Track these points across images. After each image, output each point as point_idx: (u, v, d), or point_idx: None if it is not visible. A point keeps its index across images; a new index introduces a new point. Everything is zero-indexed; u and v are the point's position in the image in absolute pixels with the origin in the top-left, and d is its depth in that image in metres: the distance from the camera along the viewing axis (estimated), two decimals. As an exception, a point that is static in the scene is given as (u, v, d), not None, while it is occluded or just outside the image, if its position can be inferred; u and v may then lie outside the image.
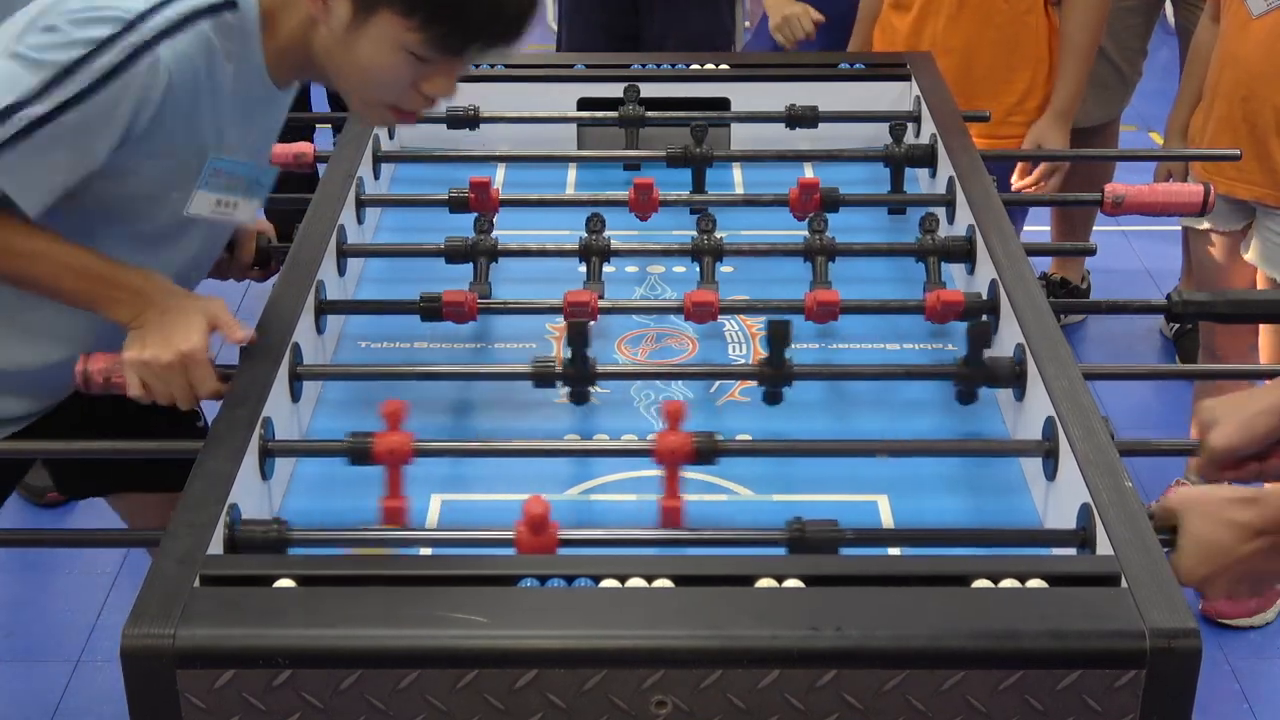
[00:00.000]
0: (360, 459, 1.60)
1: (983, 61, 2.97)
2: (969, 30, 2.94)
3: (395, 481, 1.60)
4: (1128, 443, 1.63)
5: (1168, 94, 4.07)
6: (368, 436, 1.60)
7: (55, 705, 2.81)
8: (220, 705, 1.29)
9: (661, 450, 1.60)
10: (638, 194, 2.17)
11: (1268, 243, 2.86)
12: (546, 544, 1.48)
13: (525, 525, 1.47)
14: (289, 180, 3.17)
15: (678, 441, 1.60)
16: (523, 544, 1.47)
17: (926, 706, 1.30)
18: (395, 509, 1.60)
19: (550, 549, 1.48)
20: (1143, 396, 3.75)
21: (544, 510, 1.46)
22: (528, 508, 1.46)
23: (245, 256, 2.08)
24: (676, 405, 1.62)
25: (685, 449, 1.59)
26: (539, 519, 1.46)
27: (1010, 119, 3.02)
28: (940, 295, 1.92)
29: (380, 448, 1.59)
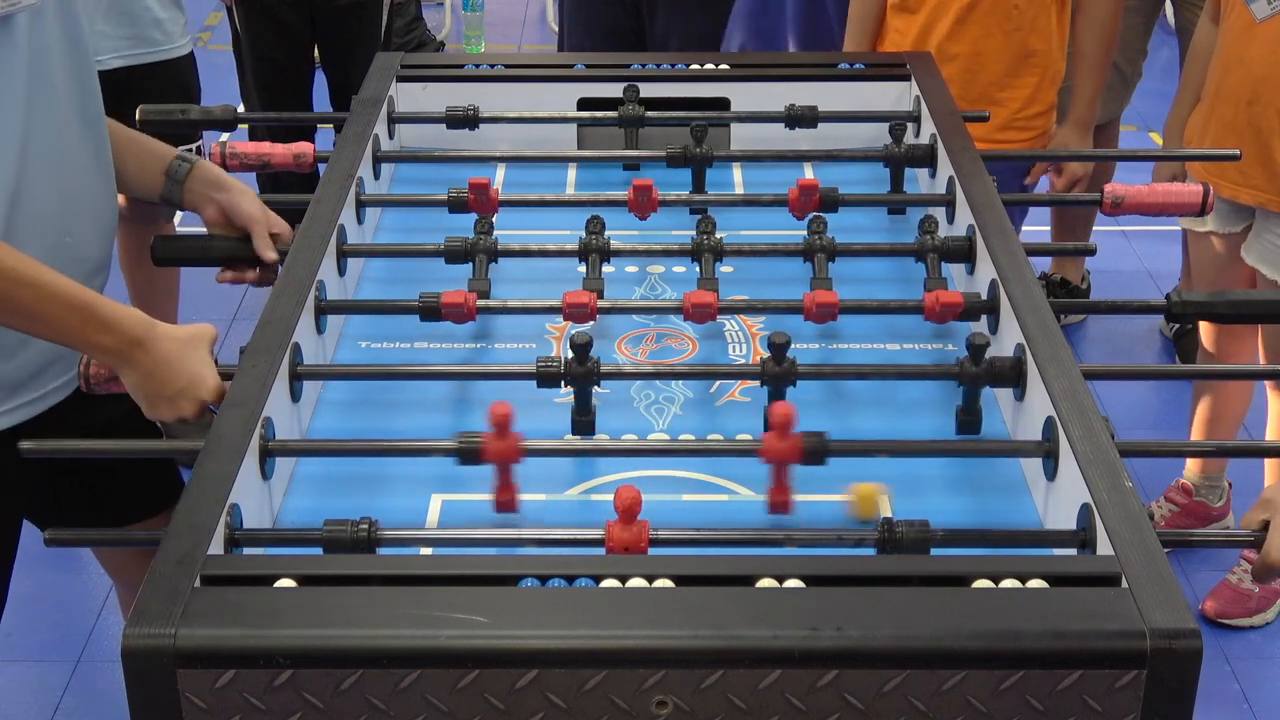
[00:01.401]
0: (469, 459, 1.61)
1: (990, 66, 2.96)
2: (977, 34, 2.94)
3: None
4: (1128, 443, 1.63)
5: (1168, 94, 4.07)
6: (475, 437, 1.60)
7: (55, 705, 2.81)
8: (221, 705, 1.29)
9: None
10: (637, 194, 2.17)
11: (1269, 246, 2.86)
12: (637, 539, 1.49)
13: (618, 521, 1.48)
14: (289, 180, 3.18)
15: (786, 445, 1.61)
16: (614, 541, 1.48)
17: (927, 707, 1.30)
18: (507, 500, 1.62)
19: (641, 547, 1.49)
20: (1143, 396, 3.75)
21: (635, 497, 1.47)
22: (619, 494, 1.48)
23: (267, 251, 2.06)
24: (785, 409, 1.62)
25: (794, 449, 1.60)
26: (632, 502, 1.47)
27: (1015, 123, 3.02)
28: (940, 296, 1.92)
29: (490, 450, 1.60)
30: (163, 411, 1.75)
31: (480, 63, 2.63)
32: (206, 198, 2.08)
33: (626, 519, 1.48)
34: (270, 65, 3.99)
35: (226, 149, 2.32)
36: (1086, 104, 3.09)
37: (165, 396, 1.74)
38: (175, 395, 1.74)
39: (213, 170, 2.10)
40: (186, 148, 3.28)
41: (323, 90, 4.16)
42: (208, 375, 1.74)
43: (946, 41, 2.94)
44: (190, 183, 2.07)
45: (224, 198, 2.08)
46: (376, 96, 2.46)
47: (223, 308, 4.05)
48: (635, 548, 1.49)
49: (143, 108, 2.37)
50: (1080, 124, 3.10)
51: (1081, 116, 3.10)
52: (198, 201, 2.08)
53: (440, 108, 2.47)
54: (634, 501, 1.48)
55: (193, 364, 1.75)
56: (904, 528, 1.52)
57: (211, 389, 1.74)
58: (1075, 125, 3.10)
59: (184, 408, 1.74)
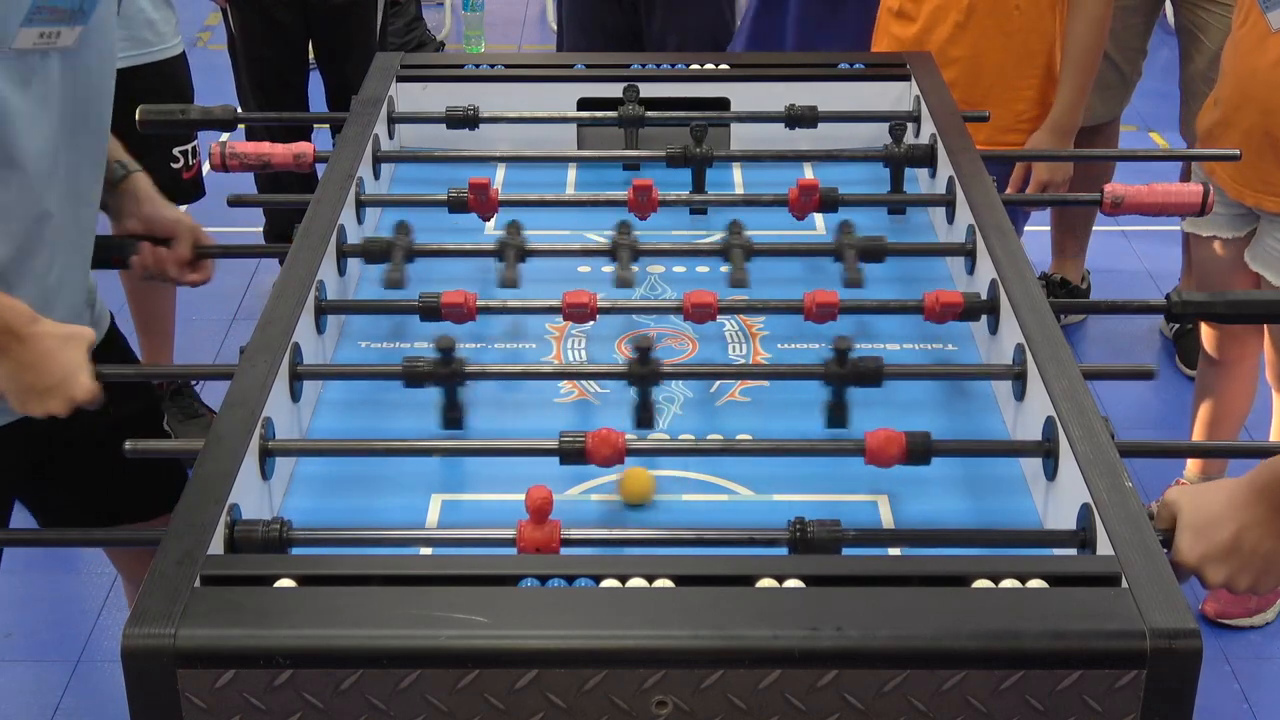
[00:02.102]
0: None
1: (989, 70, 2.96)
2: (976, 38, 2.93)
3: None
4: (1128, 443, 1.63)
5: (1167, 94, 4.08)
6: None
7: (55, 705, 2.81)
8: (221, 705, 1.30)
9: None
10: (637, 194, 2.17)
11: (1273, 251, 2.86)
12: (547, 539, 1.48)
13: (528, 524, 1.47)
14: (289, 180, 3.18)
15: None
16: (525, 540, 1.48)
17: (927, 707, 1.30)
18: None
19: (553, 547, 1.48)
20: (1143, 396, 3.75)
21: (546, 497, 1.47)
22: (531, 494, 1.48)
23: (182, 252, 2.09)
24: None
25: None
26: (541, 508, 1.47)
27: (1018, 126, 3.02)
28: (940, 296, 1.92)
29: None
30: (32, 407, 1.72)
31: (480, 63, 2.63)
32: (129, 211, 2.08)
33: (538, 519, 1.49)
34: (265, 65, 3.99)
35: (226, 149, 2.31)
36: (1066, 109, 3.01)
37: (37, 391, 1.71)
38: (47, 391, 1.71)
39: (145, 187, 2.09)
40: (182, 148, 3.29)
41: (321, 90, 4.15)
42: (82, 375, 1.72)
43: (946, 45, 2.93)
44: (123, 186, 2.07)
45: (149, 209, 2.08)
46: (376, 96, 2.46)
47: (222, 308, 4.05)
48: (547, 548, 1.50)
49: (143, 108, 2.37)
50: (1057, 129, 3.02)
51: (1059, 122, 3.02)
52: (121, 208, 2.08)
53: (440, 108, 2.47)
54: (545, 502, 1.49)
55: (68, 362, 1.72)
56: (815, 527, 1.51)
57: (85, 388, 1.71)
58: (1052, 130, 3.02)
59: (54, 405, 1.72)
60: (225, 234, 2.24)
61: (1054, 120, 3.02)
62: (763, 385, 1.91)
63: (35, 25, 1.75)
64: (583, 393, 1.90)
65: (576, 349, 2.00)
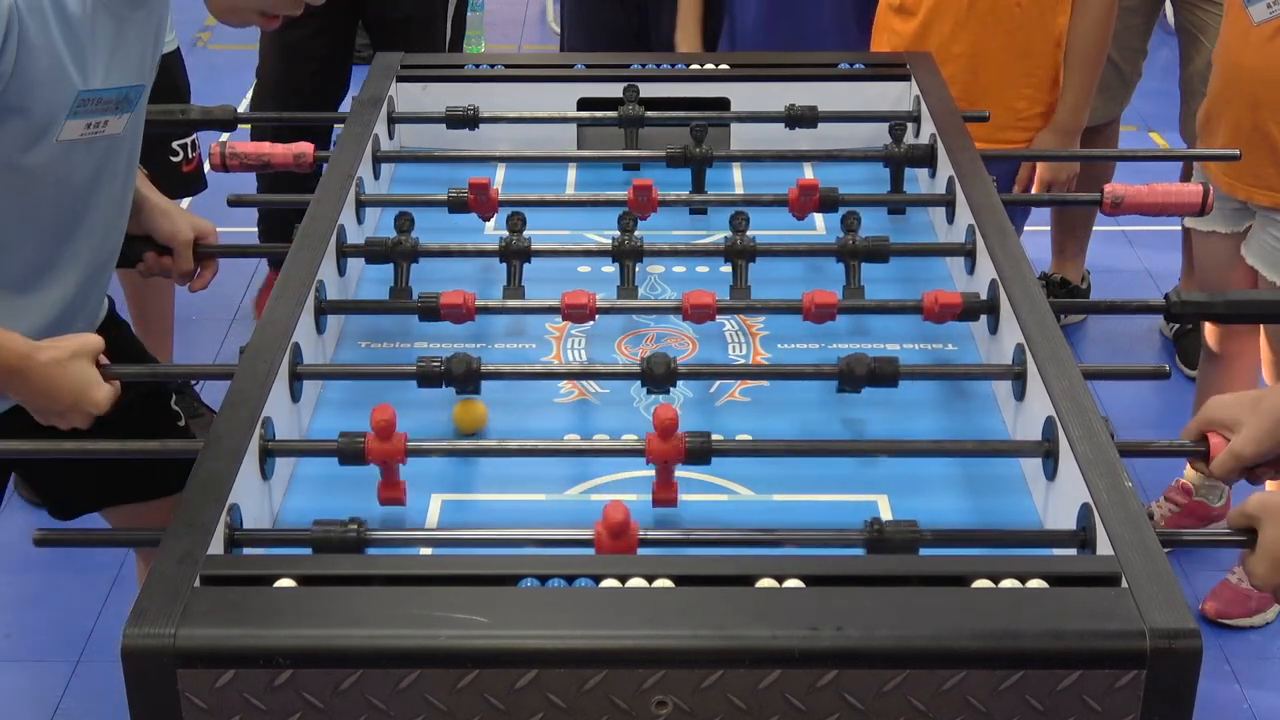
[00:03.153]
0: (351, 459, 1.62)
1: (990, 67, 2.95)
2: (977, 34, 2.93)
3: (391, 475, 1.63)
4: (1128, 443, 1.63)
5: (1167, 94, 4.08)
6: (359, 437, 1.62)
7: (55, 705, 2.81)
8: (221, 705, 1.30)
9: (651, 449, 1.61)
10: (637, 194, 2.17)
11: (1267, 246, 2.86)
12: (628, 546, 1.48)
13: (605, 529, 1.48)
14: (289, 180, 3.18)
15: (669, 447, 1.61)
16: (602, 547, 1.48)
17: (927, 707, 1.30)
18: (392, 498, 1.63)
19: (631, 551, 1.49)
20: (1143, 396, 3.75)
21: (624, 515, 1.47)
22: (608, 512, 1.48)
23: (184, 265, 2.11)
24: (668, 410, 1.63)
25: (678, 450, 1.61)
26: (620, 525, 1.47)
27: (1019, 124, 3.01)
28: (939, 296, 1.92)
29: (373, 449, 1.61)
30: (56, 423, 1.75)
31: (480, 63, 2.63)
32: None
33: (617, 532, 1.48)
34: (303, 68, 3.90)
35: (226, 149, 2.32)
36: (1070, 110, 3.02)
37: (56, 412, 1.73)
38: (65, 411, 1.72)
39: (137, 186, 2.10)
40: (180, 142, 3.28)
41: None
42: (94, 389, 1.71)
43: (948, 42, 2.93)
44: None
45: (141, 214, 2.10)
46: (376, 96, 2.46)
47: (222, 308, 4.05)
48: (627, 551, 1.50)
49: (142, 107, 2.36)
50: (1062, 129, 3.03)
51: (1065, 122, 3.03)
52: None
53: (440, 108, 2.47)
54: (622, 525, 1.49)
55: (77, 380, 1.71)
56: (892, 529, 1.51)
57: (99, 401, 1.71)
58: (1057, 130, 3.03)
59: (75, 420, 1.74)
60: (225, 234, 2.24)
61: (1060, 120, 3.03)
62: (763, 385, 1.91)
63: (81, 117, 1.78)
64: (583, 393, 1.90)
65: (576, 349, 2.00)
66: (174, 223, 2.10)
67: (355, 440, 1.62)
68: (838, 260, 2.08)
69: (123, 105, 1.85)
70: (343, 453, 1.62)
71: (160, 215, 2.10)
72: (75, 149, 1.81)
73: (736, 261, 2.06)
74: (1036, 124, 3.03)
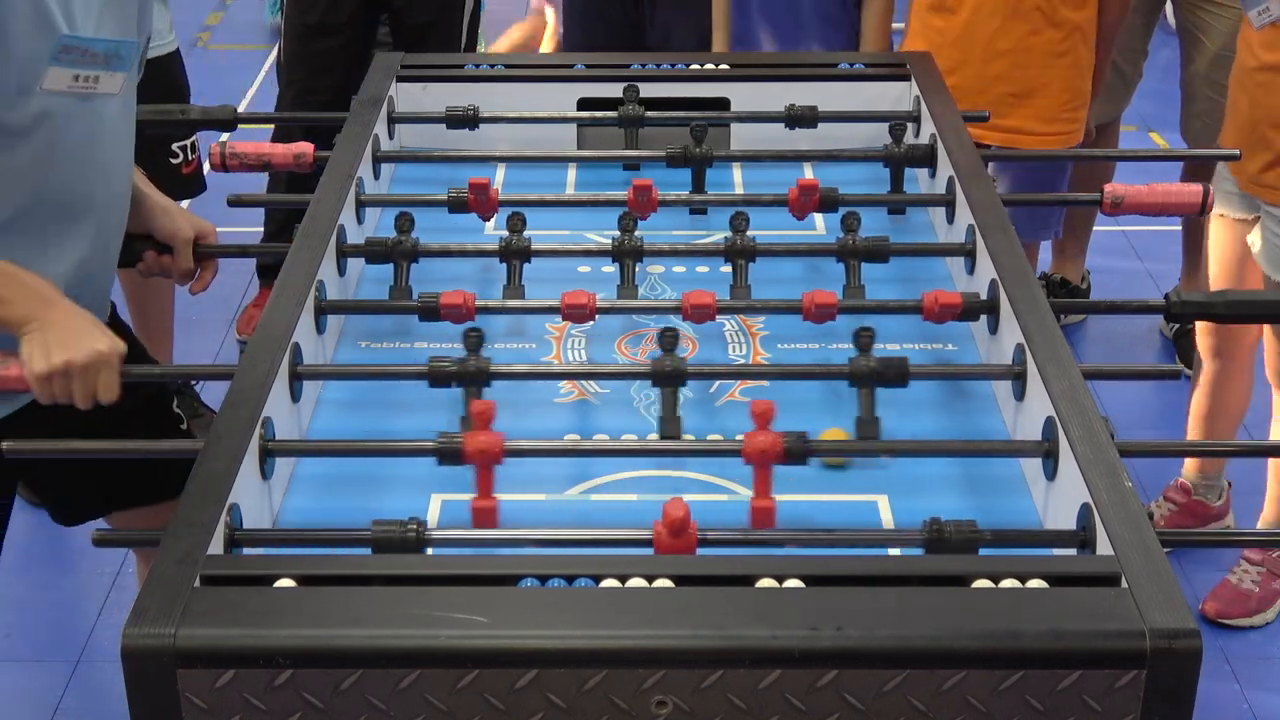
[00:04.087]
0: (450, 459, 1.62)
1: (1037, 59, 3.00)
2: (1024, 30, 2.99)
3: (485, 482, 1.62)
4: (1128, 443, 1.63)
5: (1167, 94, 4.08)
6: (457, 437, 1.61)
7: (55, 705, 2.81)
8: (221, 705, 1.29)
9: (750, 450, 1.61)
10: (637, 194, 2.17)
11: (1270, 245, 2.86)
12: (687, 545, 1.48)
13: (665, 527, 1.47)
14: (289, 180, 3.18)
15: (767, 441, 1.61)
16: (662, 546, 1.48)
17: (927, 707, 1.30)
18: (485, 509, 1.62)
19: (691, 550, 1.48)
20: (1143, 396, 3.75)
21: (685, 513, 1.47)
22: (668, 510, 1.47)
23: (184, 263, 2.11)
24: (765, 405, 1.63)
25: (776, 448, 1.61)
26: (680, 522, 1.47)
27: (1064, 114, 3.07)
28: (939, 296, 1.92)
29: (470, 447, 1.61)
30: (57, 387, 1.72)
31: (480, 63, 2.63)
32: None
33: (676, 530, 1.48)
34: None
35: (226, 149, 2.32)
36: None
37: (62, 374, 1.71)
38: (72, 371, 1.71)
39: (135, 183, 2.10)
40: (180, 144, 3.29)
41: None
42: (107, 337, 1.74)
43: (994, 38, 2.98)
44: None
45: (140, 211, 2.10)
46: (376, 96, 2.46)
47: (222, 308, 4.05)
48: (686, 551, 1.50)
49: (141, 108, 2.35)
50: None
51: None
52: None
53: (440, 108, 2.47)
54: (683, 520, 1.48)
55: (92, 326, 1.74)
56: (951, 528, 1.51)
57: (108, 349, 1.72)
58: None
59: (77, 389, 1.72)
60: (225, 234, 2.24)
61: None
62: (762, 385, 1.91)
63: (67, 66, 1.76)
64: (583, 393, 1.90)
65: (576, 349, 2.00)
66: (174, 221, 2.10)
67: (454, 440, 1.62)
68: (838, 260, 2.08)
69: (114, 61, 1.83)
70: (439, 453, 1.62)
71: (160, 213, 2.10)
72: (64, 110, 1.79)
73: (736, 261, 2.06)
74: (1076, 115, 3.09)
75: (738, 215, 2.10)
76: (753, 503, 1.61)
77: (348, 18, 3.84)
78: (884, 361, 1.77)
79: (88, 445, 1.79)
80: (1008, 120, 3.05)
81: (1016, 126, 3.06)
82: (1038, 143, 3.09)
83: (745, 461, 1.61)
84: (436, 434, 1.63)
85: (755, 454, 1.60)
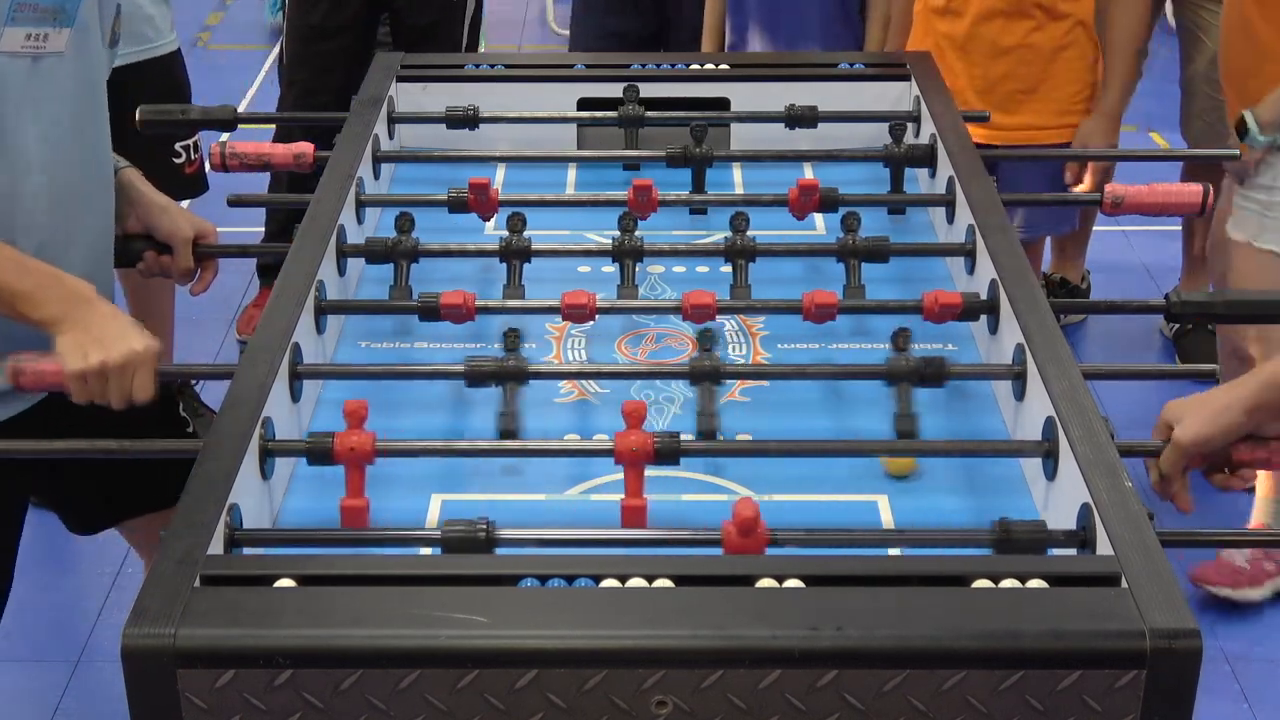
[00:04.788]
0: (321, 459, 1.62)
1: (1041, 58, 3.03)
2: (1029, 26, 3.02)
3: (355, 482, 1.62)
4: (1128, 443, 1.63)
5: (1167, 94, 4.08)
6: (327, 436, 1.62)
7: (55, 705, 2.81)
8: (221, 705, 1.29)
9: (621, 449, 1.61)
10: (637, 194, 2.17)
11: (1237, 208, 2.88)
12: (757, 545, 1.48)
13: (735, 527, 1.47)
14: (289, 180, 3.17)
15: (639, 440, 1.61)
16: (731, 545, 1.48)
17: (927, 707, 1.30)
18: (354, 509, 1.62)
19: (759, 550, 1.48)
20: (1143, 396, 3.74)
21: (754, 513, 1.47)
22: (738, 509, 1.47)
23: (183, 263, 2.11)
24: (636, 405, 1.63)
25: (646, 448, 1.61)
26: (749, 521, 1.47)
27: (1072, 110, 3.09)
28: (939, 296, 1.92)
29: (341, 447, 1.61)
30: (93, 388, 1.73)
31: (480, 63, 2.63)
32: (123, 211, 2.09)
33: (745, 530, 1.48)
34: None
35: (226, 149, 2.32)
36: (1117, 92, 3.14)
37: (97, 373, 1.72)
38: (107, 371, 1.72)
39: (134, 183, 2.10)
40: (183, 143, 3.29)
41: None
42: (141, 335, 1.76)
43: (999, 37, 3.01)
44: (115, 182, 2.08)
45: (139, 211, 2.09)
46: (376, 96, 2.46)
47: (222, 308, 4.05)
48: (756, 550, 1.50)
49: (143, 108, 2.37)
50: (1106, 115, 3.14)
51: (1108, 108, 3.14)
52: (118, 208, 2.08)
53: (440, 108, 2.47)
54: (753, 520, 1.48)
55: (128, 325, 1.76)
56: (1018, 528, 1.51)
57: (144, 348, 1.74)
58: (1101, 116, 3.14)
59: (113, 391, 1.73)
60: (225, 234, 2.24)
61: (1108, 105, 3.13)
62: (762, 385, 1.91)
63: (20, 25, 1.75)
64: (583, 393, 1.90)
65: (576, 349, 2.00)
66: (174, 220, 2.10)
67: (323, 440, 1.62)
68: (838, 260, 2.08)
69: (60, 17, 1.81)
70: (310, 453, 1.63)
71: (160, 213, 2.10)
72: (17, 70, 1.78)
73: (736, 261, 2.06)
74: (1085, 106, 3.13)
75: (738, 215, 2.10)
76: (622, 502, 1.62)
77: (350, 18, 3.85)
78: (924, 361, 1.78)
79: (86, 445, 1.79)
80: (1018, 117, 3.06)
81: (1027, 123, 3.08)
82: (1049, 137, 3.11)
83: (615, 461, 1.62)
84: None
85: (625, 453, 1.61)
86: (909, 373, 1.78)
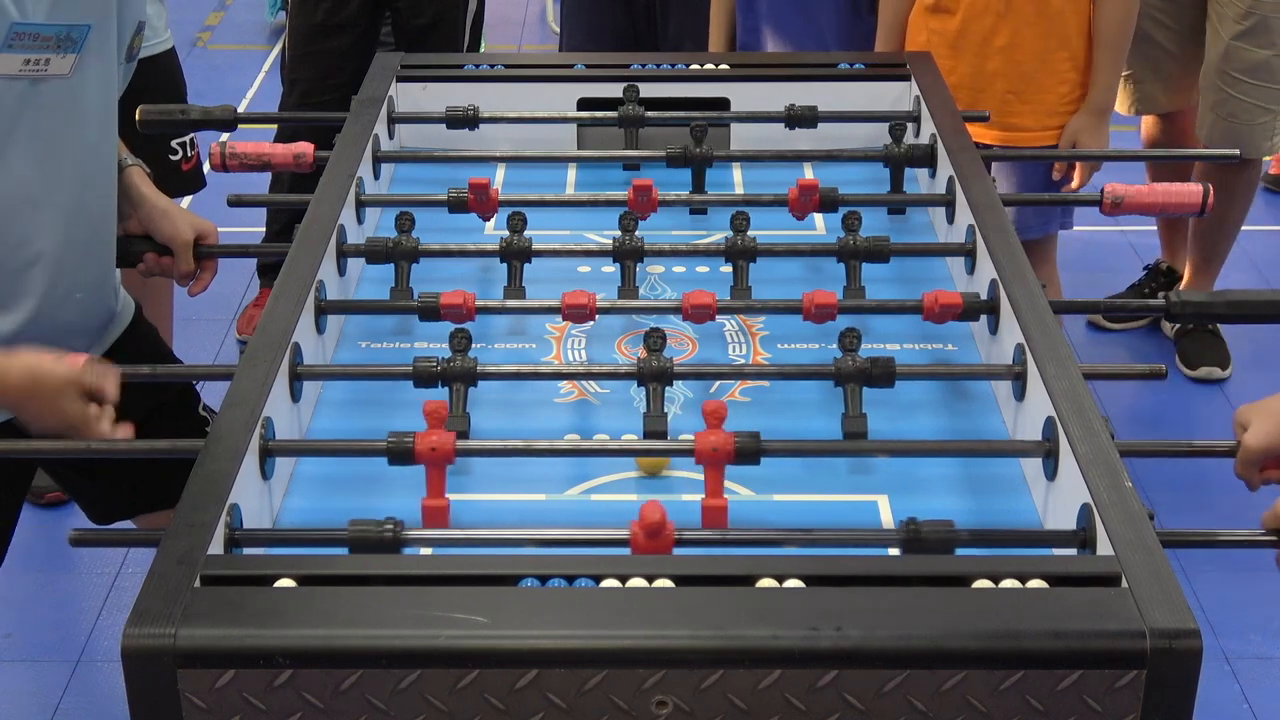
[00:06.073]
0: (401, 459, 1.61)
1: (1032, 57, 3.03)
2: (1018, 26, 3.01)
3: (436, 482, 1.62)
4: (1128, 443, 1.63)
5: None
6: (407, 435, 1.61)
7: (55, 705, 2.81)
8: (221, 705, 1.29)
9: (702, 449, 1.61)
10: (637, 194, 2.17)
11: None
12: (664, 546, 1.48)
13: (641, 529, 1.48)
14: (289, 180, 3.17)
15: (720, 440, 1.60)
16: (639, 547, 1.48)
17: (927, 707, 1.30)
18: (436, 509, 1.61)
19: (667, 551, 1.49)
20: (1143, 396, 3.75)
21: (661, 515, 1.47)
22: (645, 512, 1.47)
23: (184, 265, 2.11)
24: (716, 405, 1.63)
25: (727, 447, 1.60)
26: (656, 525, 1.47)
27: (1061, 109, 3.08)
28: (939, 296, 1.92)
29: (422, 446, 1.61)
30: (44, 426, 1.71)
31: (480, 63, 2.63)
32: (124, 212, 2.09)
33: (653, 532, 1.48)
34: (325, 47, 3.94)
35: (226, 149, 2.32)
36: (1105, 89, 3.10)
37: (40, 415, 1.69)
38: (68, 430, 1.68)
39: (137, 184, 2.10)
40: (179, 140, 3.29)
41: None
42: (102, 423, 1.69)
43: (989, 35, 3.01)
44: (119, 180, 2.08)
45: (140, 214, 2.09)
46: (376, 96, 2.46)
47: (222, 308, 4.05)
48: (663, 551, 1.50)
49: (143, 107, 2.37)
50: (1095, 111, 3.11)
51: (1097, 104, 3.11)
52: (119, 208, 2.08)
53: (440, 108, 2.47)
54: (659, 523, 1.48)
55: (62, 409, 1.69)
56: (928, 528, 1.51)
57: (100, 431, 1.69)
58: (1089, 113, 3.11)
59: (88, 434, 1.69)
60: (225, 234, 2.25)
61: (1094, 101, 3.10)
62: (763, 385, 1.91)
63: (17, 51, 1.75)
64: (583, 393, 1.90)
65: (577, 349, 2.00)
66: (174, 223, 2.10)
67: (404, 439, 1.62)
68: (838, 260, 2.08)
69: (65, 45, 1.80)
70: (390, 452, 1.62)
71: (160, 215, 2.10)
72: (15, 92, 1.77)
73: (737, 261, 2.06)
74: (1075, 106, 3.11)
75: (738, 215, 2.10)
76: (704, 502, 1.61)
77: (352, 17, 3.86)
78: (870, 361, 1.77)
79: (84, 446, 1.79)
80: (1009, 118, 3.06)
81: (1017, 124, 3.07)
82: (1040, 139, 3.10)
83: (696, 461, 1.62)
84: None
85: (706, 452, 1.61)
86: (855, 374, 1.77)
